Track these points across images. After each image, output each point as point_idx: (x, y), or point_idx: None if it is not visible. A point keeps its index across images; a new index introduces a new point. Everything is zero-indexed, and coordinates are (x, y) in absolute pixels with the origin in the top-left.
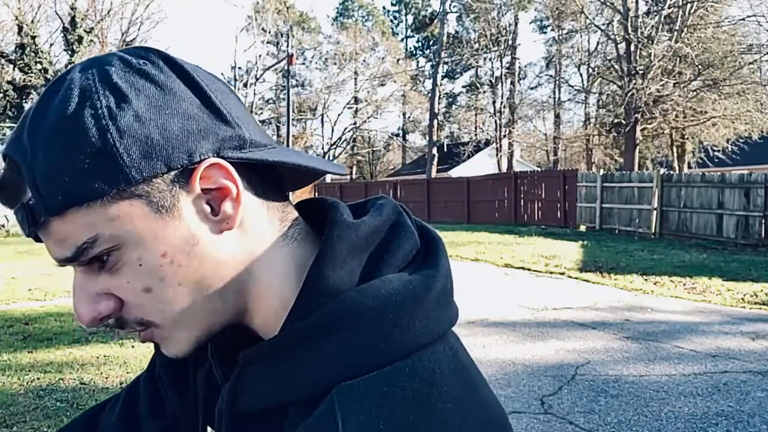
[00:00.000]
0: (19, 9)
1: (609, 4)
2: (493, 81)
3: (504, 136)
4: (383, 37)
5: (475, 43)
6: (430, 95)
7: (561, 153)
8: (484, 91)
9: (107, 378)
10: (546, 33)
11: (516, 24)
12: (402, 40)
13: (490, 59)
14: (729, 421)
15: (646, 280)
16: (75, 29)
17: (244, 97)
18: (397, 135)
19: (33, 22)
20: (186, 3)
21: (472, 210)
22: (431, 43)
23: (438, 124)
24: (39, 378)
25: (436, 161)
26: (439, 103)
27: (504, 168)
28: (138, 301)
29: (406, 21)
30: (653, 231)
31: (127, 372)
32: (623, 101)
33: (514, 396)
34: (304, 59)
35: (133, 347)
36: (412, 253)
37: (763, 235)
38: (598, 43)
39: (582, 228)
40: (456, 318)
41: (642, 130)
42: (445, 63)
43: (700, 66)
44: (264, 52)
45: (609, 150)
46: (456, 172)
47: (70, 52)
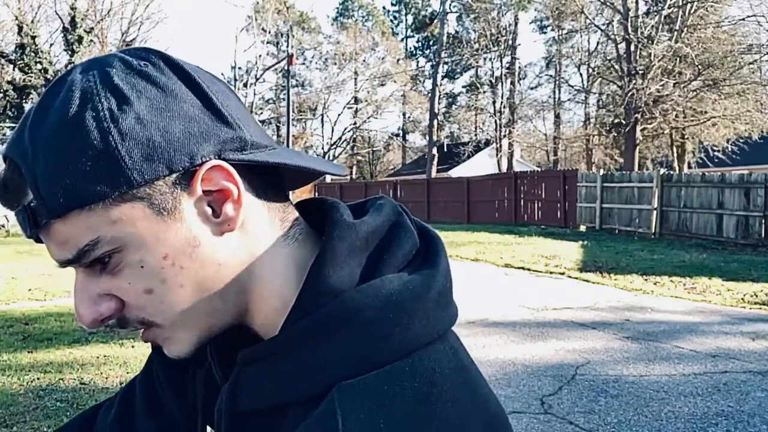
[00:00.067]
0: (19, 9)
1: (609, 4)
2: (493, 81)
3: (504, 136)
4: (383, 37)
5: (475, 43)
6: (430, 95)
7: (561, 153)
8: (484, 91)
9: (107, 378)
10: (546, 33)
11: (516, 24)
12: (402, 40)
13: (490, 59)
14: (729, 421)
15: (646, 280)
16: (75, 29)
17: (244, 97)
18: (397, 135)
19: (33, 22)
20: (186, 3)
21: (472, 210)
22: (431, 43)
23: (438, 124)
24: (39, 378)
25: (436, 161)
26: (439, 103)
27: (504, 168)
28: (139, 303)
29: (406, 21)
30: (653, 231)
31: (127, 372)
32: (623, 101)
33: (514, 396)
34: (304, 59)
35: (133, 347)
36: (411, 253)
37: (763, 235)
38: (598, 43)
39: (582, 228)
40: (455, 318)
41: (642, 130)
42: (445, 63)
43: (700, 66)
44: (264, 52)
45: (609, 150)
46: (456, 172)
47: (70, 52)
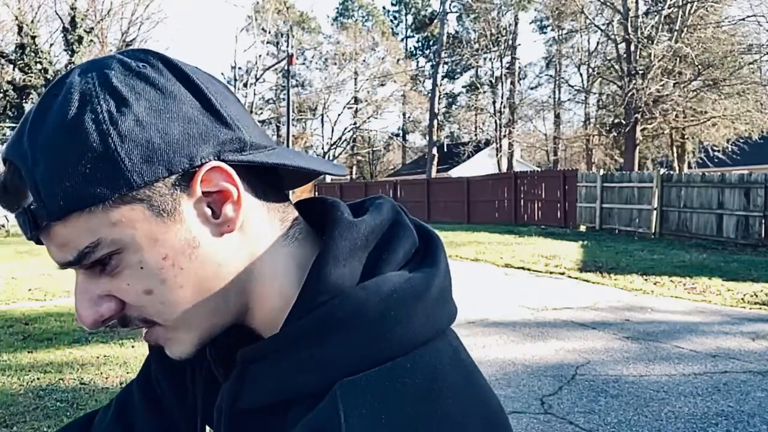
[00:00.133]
0: (19, 9)
1: (609, 4)
2: (493, 81)
3: (504, 136)
4: (383, 37)
5: (475, 43)
6: (430, 95)
7: (561, 153)
8: (484, 91)
9: (107, 378)
10: (546, 33)
11: (516, 24)
12: (402, 40)
13: (490, 59)
14: (729, 421)
15: (646, 280)
16: (75, 29)
17: (244, 98)
18: (397, 135)
19: (33, 22)
20: (186, 3)
21: (472, 210)
22: (431, 43)
23: (438, 124)
24: (39, 378)
25: (436, 161)
26: (439, 103)
27: (504, 168)
28: (139, 303)
29: (406, 21)
30: (653, 231)
31: (127, 372)
32: (623, 101)
33: (514, 396)
34: (304, 59)
35: (133, 347)
36: (411, 252)
37: (763, 235)
38: (598, 43)
39: (582, 228)
40: (455, 316)
41: (642, 130)
42: (445, 63)
43: (700, 66)
44: (264, 52)
45: (609, 150)
46: (456, 172)
47: (70, 52)
